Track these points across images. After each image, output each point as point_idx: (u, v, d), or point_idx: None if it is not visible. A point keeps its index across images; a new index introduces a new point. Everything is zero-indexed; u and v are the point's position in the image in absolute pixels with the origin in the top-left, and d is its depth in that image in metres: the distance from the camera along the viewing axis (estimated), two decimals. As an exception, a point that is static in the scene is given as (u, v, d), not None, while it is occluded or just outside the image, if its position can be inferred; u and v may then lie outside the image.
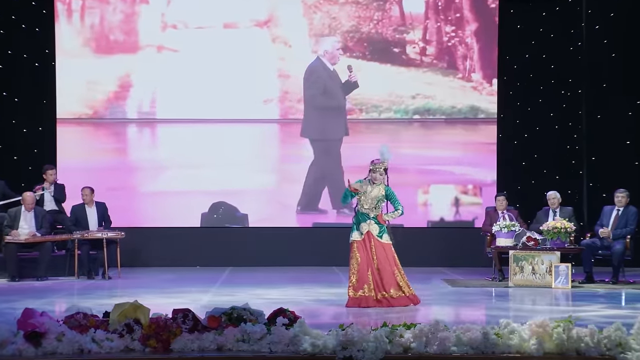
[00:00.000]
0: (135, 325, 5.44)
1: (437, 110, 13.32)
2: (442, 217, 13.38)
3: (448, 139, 13.33)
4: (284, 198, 13.15)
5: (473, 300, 9.01)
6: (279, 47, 13.23)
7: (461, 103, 13.34)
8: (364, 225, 8.39)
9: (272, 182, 13.19)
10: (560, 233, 10.38)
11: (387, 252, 8.39)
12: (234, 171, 13.14)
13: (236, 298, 8.76)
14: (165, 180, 13.07)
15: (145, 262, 12.91)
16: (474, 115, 13.29)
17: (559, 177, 13.33)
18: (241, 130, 13.25)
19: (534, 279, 10.27)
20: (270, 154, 13.28)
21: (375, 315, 7.61)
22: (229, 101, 13.17)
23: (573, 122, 13.46)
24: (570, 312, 7.06)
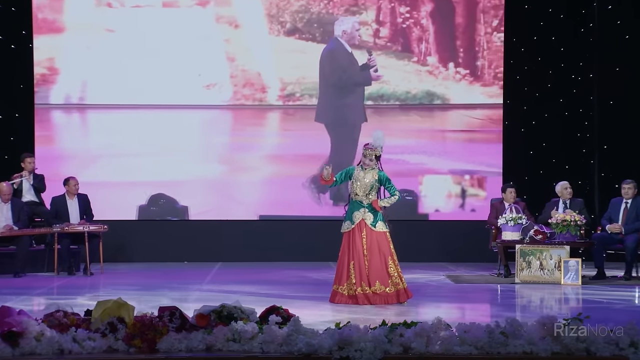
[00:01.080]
0: (119, 324, 5.44)
1: (391, 96, 13.31)
2: (442, 209, 13.38)
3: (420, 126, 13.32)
4: (230, 189, 13.15)
5: (477, 297, 9.03)
6: (224, 28, 13.14)
7: (416, 88, 13.33)
8: (357, 214, 8.38)
9: (218, 173, 13.15)
10: (570, 226, 10.40)
11: (381, 242, 8.34)
12: (174, 160, 13.07)
13: (226, 295, 8.76)
14: (98, 170, 12.95)
15: (129, 257, 12.93)
16: (430, 101, 13.32)
17: (568, 166, 13.34)
18: (183, 117, 13.10)
19: (542, 274, 10.29)
20: (217, 142, 13.19)
21: (374, 312, 7.62)
22: (169, 86, 13.04)
23: (584, 108, 13.46)
24: (581, 310, 7.08)
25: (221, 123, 13.23)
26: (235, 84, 13.12)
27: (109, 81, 13.04)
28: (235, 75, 13.13)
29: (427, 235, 13.23)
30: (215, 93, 13.15)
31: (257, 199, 13.24)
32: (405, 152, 13.30)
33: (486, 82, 13.39)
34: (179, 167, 13.15)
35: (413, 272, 11.65)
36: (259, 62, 13.20)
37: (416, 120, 13.43)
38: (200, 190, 13.17)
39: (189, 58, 13.09)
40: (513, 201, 11.26)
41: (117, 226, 12.21)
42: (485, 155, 13.36)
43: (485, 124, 13.38)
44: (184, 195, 13.19)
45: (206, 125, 13.22)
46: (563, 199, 11.29)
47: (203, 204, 13.18)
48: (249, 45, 13.16)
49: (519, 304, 8.95)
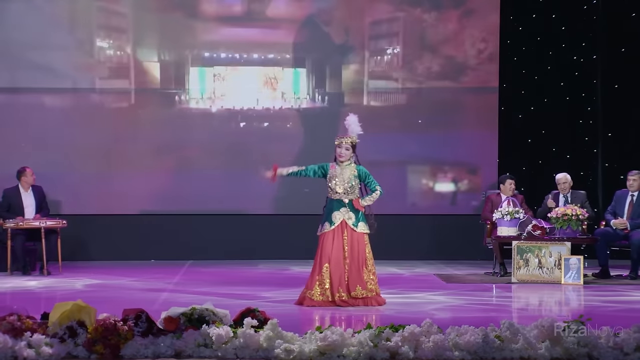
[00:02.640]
0: (79, 329, 5.43)
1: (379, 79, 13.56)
2: (432, 203, 13.44)
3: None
4: (200, 181, 13.29)
5: (471, 298, 9.06)
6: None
7: (403, 70, 13.43)
8: (337, 215, 8.32)
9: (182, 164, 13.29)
10: (571, 221, 10.44)
11: (360, 245, 8.33)
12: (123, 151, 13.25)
13: (197, 296, 8.76)
14: (51, 159, 13.02)
15: (90, 255, 12.90)
16: (418, 85, 13.47)
17: (570, 156, 13.41)
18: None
19: (541, 273, 10.34)
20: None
21: (359, 315, 7.64)
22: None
23: (587, 92, 13.52)
24: (582, 312, 7.13)
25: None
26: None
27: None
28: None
29: (415, 231, 13.28)
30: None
31: (227, 192, 13.31)
32: (392, 140, 13.37)
33: (480, 64, 13.43)
34: (140, 158, 13.24)
35: (401, 270, 11.68)
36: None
37: (404, 105, 13.51)
38: (160, 181, 13.24)
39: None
40: (511, 194, 11.29)
41: (76, 221, 12.18)
42: (480, 144, 13.41)
43: (480, 109, 13.43)
44: (145, 186, 13.22)
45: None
46: (563, 192, 11.34)
47: (167, 195, 13.23)
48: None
49: (515, 305, 8.99)
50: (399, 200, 13.33)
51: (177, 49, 13.46)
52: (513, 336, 5.44)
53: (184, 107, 13.42)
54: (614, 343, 5.41)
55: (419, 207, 13.47)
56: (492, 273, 11.08)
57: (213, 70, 13.50)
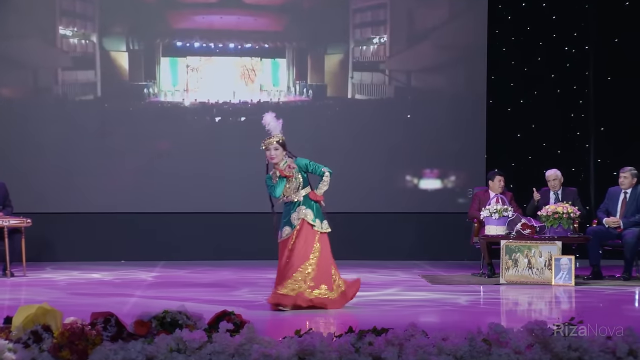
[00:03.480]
0: (45, 333, 5.41)
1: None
2: (416, 200, 13.45)
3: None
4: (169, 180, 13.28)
5: (457, 300, 9.09)
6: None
7: (388, 62, 13.46)
8: (295, 216, 8.27)
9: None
10: (562, 219, 10.48)
11: (323, 243, 8.28)
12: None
13: (170, 299, 8.75)
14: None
15: (56, 255, 12.85)
16: (404, 77, 13.50)
17: (560, 151, 13.46)
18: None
19: (531, 274, 10.38)
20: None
21: (340, 318, 7.65)
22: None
23: (578, 85, 13.58)
24: (574, 314, 7.16)
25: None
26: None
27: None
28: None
29: (400, 230, 13.30)
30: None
31: (201, 190, 13.26)
32: (377, 135, 13.37)
33: (467, 55, 13.45)
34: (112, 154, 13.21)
35: (384, 270, 11.70)
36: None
37: (392, 99, 13.50)
38: (130, 178, 13.22)
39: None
40: (501, 191, 11.32)
41: (41, 220, 12.12)
42: (466, 139, 13.44)
43: (467, 102, 13.45)
44: (114, 184, 13.17)
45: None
46: (553, 190, 11.38)
47: (139, 193, 13.18)
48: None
49: (504, 307, 9.02)
50: (382, 197, 13.35)
51: (147, 37, 13.35)
52: (501, 340, 5.46)
53: (154, 100, 13.33)
54: (606, 347, 5.44)
55: (404, 204, 13.48)
56: (479, 274, 11.11)
57: (186, 60, 13.41)
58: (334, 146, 13.24)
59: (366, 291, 9.61)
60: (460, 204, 13.34)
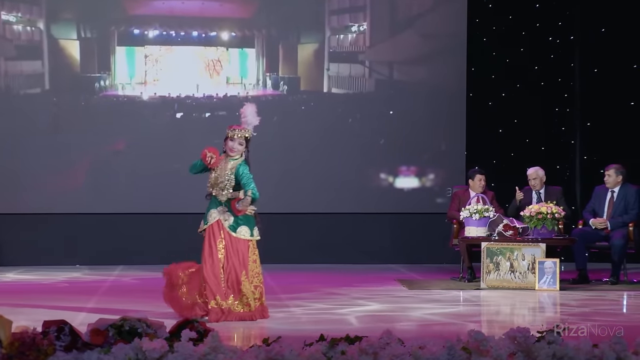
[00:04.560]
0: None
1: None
2: (391, 200, 13.45)
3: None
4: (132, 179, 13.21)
5: (435, 306, 9.11)
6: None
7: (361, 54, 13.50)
8: (213, 213, 8.17)
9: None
10: (546, 220, 10.51)
11: (240, 252, 8.14)
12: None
13: (127, 306, 8.70)
14: None
15: (3, 260, 12.74)
16: (378, 70, 13.48)
17: (544, 147, 13.51)
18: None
19: (513, 278, 10.42)
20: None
21: (311, 325, 7.64)
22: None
23: (563, 77, 13.64)
24: (558, 321, 7.20)
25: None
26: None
27: None
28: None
29: (374, 232, 13.31)
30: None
31: (161, 191, 13.14)
32: (352, 131, 13.34)
33: (446, 46, 13.46)
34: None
35: (358, 275, 11.70)
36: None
37: (368, 91, 13.44)
38: (84, 177, 13.12)
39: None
40: (482, 190, 11.35)
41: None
42: (445, 134, 13.47)
43: (445, 96, 13.46)
44: (66, 183, 13.07)
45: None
46: (534, 189, 11.40)
47: (96, 194, 13.09)
48: None
49: (484, 314, 9.05)
50: (356, 197, 13.34)
51: (101, 24, 13.10)
52: (481, 348, 5.48)
53: (109, 94, 13.13)
54: (592, 355, 5.47)
55: (378, 204, 13.46)
56: (459, 278, 11.13)
57: (144, 50, 13.23)
58: (305, 143, 13.22)
59: (339, 297, 9.61)
60: (439, 204, 13.36)
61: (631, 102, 13.40)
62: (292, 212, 13.16)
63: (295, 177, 13.26)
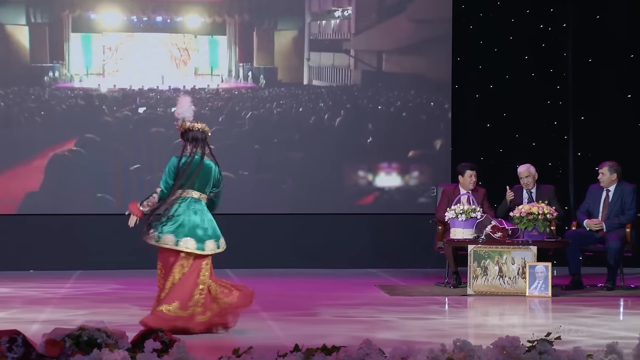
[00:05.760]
0: (-60, 355, 5.35)
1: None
2: (372, 199, 13.45)
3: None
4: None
5: (418, 313, 9.13)
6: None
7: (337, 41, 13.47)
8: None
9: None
10: (538, 221, 10.53)
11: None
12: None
13: (86, 314, 8.67)
14: None
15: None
16: (359, 58, 13.46)
17: (535, 143, 13.55)
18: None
19: (502, 283, 10.44)
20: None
21: (285, 335, 7.64)
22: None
23: (556, 68, 13.67)
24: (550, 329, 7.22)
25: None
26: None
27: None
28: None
29: (353, 233, 13.31)
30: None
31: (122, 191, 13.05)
32: (326, 125, 13.31)
33: (428, 35, 13.45)
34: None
35: (336, 280, 11.70)
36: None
37: (353, 84, 13.40)
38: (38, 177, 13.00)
39: None
40: (472, 187, 11.35)
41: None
42: (429, 129, 13.48)
43: (429, 87, 13.48)
44: (18, 183, 12.98)
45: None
46: (526, 187, 11.42)
47: (51, 193, 13.01)
48: None
49: (471, 321, 9.07)
50: (333, 196, 13.33)
51: (53, 8, 12.89)
52: (468, 358, 5.49)
53: (62, 86, 12.95)
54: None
55: (357, 204, 13.47)
56: (444, 284, 11.13)
57: (102, 37, 13.10)
58: (281, 140, 13.17)
59: (315, 303, 9.61)
60: (422, 204, 13.37)
61: (628, 94, 13.45)
62: (265, 212, 13.14)
63: (269, 176, 13.22)
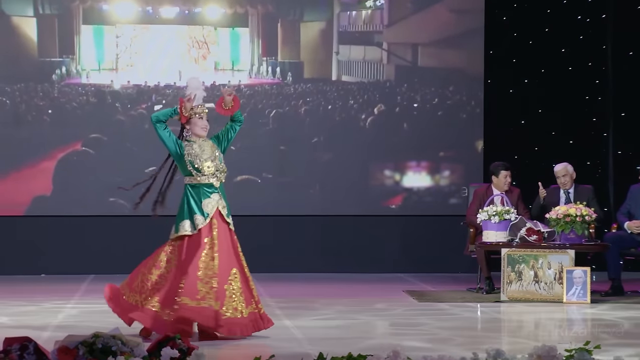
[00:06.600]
0: (-51, 363, 5.38)
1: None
2: (400, 200, 13.44)
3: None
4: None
5: (449, 321, 9.12)
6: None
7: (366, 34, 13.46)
8: (209, 202, 8.10)
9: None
10: (575, 223, 10.52)
11: (235, 244, 8.09)
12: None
13: (101, 321, 8.71)
14: None
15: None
16: (388, 54, 13.42)
17: (573, 141, 13.52)
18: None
19: (537, 289, 10.42)
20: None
21: (309, 342, 7.65)
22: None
23: (594, 61, 13.64)
24: (589, 337, 7.19)
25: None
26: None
27: None
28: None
29: (381, 237, 13.31)
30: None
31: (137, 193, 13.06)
32: (350, 123, 13.29)
33: (460, 26, 13.43)
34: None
35: (362, 285, 11.70)
36: None
37: (375, 79, 13.37)
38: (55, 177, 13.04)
39: None
40: (507, 188, 11.33)
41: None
42: (460, 126, 13.46)
43: (460, 82, 13.46)
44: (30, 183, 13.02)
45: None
46: (564, 188, 11.40)
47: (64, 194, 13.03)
48: None
49: (505, 329, 9.05)
50: (360, 198, 13.33)
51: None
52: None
53: (73, 82, 12.92)
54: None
55: (385, 206, 13.46)
56: (476, 289, 11.14)
57: (115, 30, 13.06)
58: (306, 139, 13.16)
59: (340, 311, 9.61)
60: (453, 205, 13.36)
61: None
62: (289, 214, 13.15)
63: (293, 179, 13.20)
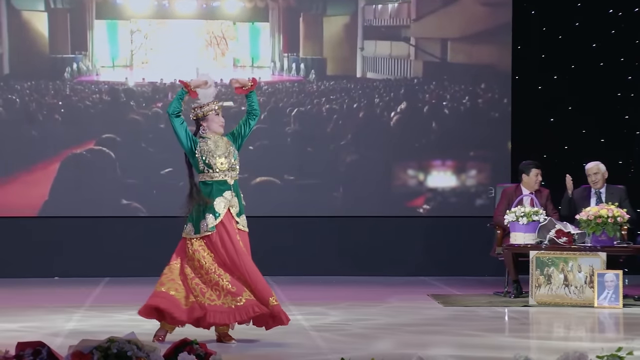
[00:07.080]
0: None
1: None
2: (425, 201, 13.43)
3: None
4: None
5: (476, 326, 9.10)
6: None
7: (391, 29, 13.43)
8: (221, 202, 8.07)
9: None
10: (607, 224, 10.49)
11: (246, 244, 8.10)
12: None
13: (116, 325, 8.70)
14: None
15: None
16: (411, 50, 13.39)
17: (604, 140, 13.49)
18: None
19: (567, 293, 10.40)
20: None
21: (329, 348, 7.64)
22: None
23: (626, 56, 13.61)
24: (622, 343, 7.17)
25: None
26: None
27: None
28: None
29: (405, 238, 13.30)
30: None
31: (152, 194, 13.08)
32: (376, 122, 13.27)
33: (487, 21, 13.42)
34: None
35: (385, 288, 11.69)
36: None
37: (402, 75, 13.35)
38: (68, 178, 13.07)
39: None
40: (537, 188, 11.31)
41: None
42: (487, 124, 13.44)
43: (487, 79, 13.44)
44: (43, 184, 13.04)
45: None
46: (595, 187, 11.38)
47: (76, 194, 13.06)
48: None
49: (534, 334, 9.02)
50: (383, 198, 13.32)
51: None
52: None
53: (85, 79, 12.91)
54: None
55: (409, 206, 13.46)
56: (503, 293, 11.12)
57: (130, 25, 13.03)
58: (331, 139, 13.14)
59: (364, 314, 9.60)
60: (479, 206, 13.35)
61: None
62: (310, 215, 13.15)
63: (316, 180, 13.19)
